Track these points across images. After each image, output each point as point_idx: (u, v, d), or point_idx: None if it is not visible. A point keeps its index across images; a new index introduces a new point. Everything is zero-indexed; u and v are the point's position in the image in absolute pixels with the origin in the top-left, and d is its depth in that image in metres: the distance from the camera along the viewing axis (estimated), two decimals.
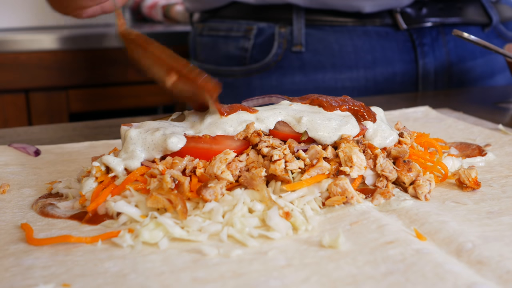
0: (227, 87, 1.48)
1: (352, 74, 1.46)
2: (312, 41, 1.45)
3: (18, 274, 0.55)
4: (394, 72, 1.49)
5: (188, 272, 0.56)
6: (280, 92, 1.40)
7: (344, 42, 1.46)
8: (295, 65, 1.47)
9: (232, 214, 0.65)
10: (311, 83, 1.46)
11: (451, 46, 1.52)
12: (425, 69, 1.50)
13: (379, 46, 1.48)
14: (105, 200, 0.68)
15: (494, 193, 0.76)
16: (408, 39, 1.49)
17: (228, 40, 1.52)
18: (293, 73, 1.47)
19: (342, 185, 0.72)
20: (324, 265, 0.57)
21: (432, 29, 1.50)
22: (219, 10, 1.52)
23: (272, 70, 1.45)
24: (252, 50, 1.48)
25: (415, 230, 0.64)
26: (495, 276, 0.55)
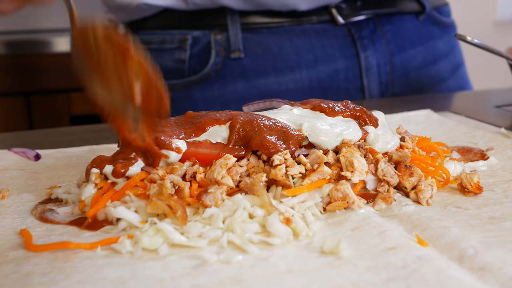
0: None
1: (294, 75, 1.43)
2: (251, 46, 1.41)
3: (17, 280, 0.55)
4: (336, 68, 1.46)
5: (188, 278, 0.55)
6: (223, 102, 1.39)
7: (283, 43, 1.42)
8: (235, 73, 1.41)
9: (232, 219, 0.65)
10: (254, 89, 1.42)
11: (389, 37, 1.51)
12: (367, 62, 1.48)
13: (319, 44, 1.45)
14: (104, 206, 0.67)
15: (497, 198, 0.75)
16: (347, 34, 1.46)
17: (163, 53, 1.44)
18: (234, 80, 1.41)
19: (343, 190, 0.71)
20: (325, 271, 0.57)
21: (369, 21, 1.48)
22: (148, 20, 1.44)
23: (213, 79, 1.39)
24: (189, 61, 1.41)
25: (416, 236, 0.63)
26: (498, 282, 0.54)
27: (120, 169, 0.69)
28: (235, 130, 0.75)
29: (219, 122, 0.77)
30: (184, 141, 0.74)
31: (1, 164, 0.90)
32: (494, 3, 4.18)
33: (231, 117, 0.78)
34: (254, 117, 0.78)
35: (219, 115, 0.79)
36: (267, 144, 0.74)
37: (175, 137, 0.74)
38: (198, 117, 0.79)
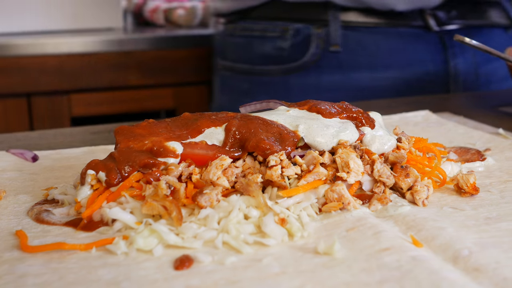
0: (263, 85, 1.58)
1: (387, 73, 1.52)
2: (348, 42, 1.50)
3: (11, 282, 0.55)
4: (426, 72, 1.54)
5: (181, 279, 0.56)
6: (317, 90, 1.51)
7: (379, 42, 1.51)
8: (332, 65, 1.51)
9: (227, 220, 0.65)
10: (348, 81, 1.52)
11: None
12: (456, 69, 1.55)
13: (412, 47, 1.53)
14: (100, 207, 0.68)
15: (493, 198, 0.75)
16: (438, 41, 1.53)
17: (264, 40, 1.55)
18: (331, 72, 1.51)
19: (339, 191, 0.71)
20: (318, 272, 0.57)
21: (460, 31, 1.53)
22: (252, 10, 1.55)
23: (310, 69, 1.50)
24: (289, 49, 1.51)
25: (411, 237, 0.63)
26: (492, 283, 0.54)
27: (113, 180, 0.69)
28: (231, 133, 0.75)
29: (215, 124, 0.77)
30: (180, 143, 0.74)
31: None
32: None
33: (227, 119, 0.78)
34: (250, 118, 0.78)
35: (215, 117, 0.79)
36: (263, 146, 0.74)
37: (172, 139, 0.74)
38: (194, 119, 0.79)
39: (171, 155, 0.72)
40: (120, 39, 2.16)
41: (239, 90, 1.65)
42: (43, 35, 2.22)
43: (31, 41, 2.10)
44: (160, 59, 2.19)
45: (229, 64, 1.65)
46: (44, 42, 2.10)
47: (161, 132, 0.76)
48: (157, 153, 0.72)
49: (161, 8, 2.48)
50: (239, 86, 1.66)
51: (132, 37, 2.19)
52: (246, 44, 1.59)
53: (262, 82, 1.59)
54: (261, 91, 1.60)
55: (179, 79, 2.24)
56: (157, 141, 0.73)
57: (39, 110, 2.14)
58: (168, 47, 2.21)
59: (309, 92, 1.52)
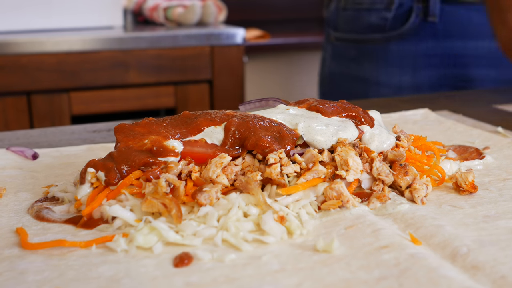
0: (367, 53, 1.75)
1: (477, 44, 1.63)
2: (445, 14, 1.61)
3: (11, 279, 0.55)
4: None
5: (181, 276, 0.56)
6: (413, 57, 1.66)
7: (472, 16, 1.61)
8: (428, 34, 1.64)
9: (226, 218, 0.65)
10: (442, 49, 1.65)
11: None
12: None
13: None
14: (100, 204, 0.68)
15: (491, 196, 0.75)
16: None
17: (371, 12, 1.70)
18: (426, 40, 1.64)
19: (338, 189, 0.71)
20: (317, 270, 0.57)
21: None
22: None
23: (408, 37, 1.64)
24: (392, 19, 1.66)
25: (410, 234, 0.63)
26: (489, 281, 0.54)
27: (112, 180, 0.70)
28: (230, 132, 0.75)
29: (214, 123, 0.77)
30: (180, 141, 0.74)
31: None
32: None
33: (226, 118, 0.78)
34: (249, 117, 0.78)
35: (214, 116, 0.79)
36: (262, 144, 0.74)
37: (171, 138, 0.74)
38: (193, 117, 0.79)
39: (171, 154, 0.72)
40: (120, 37, 2.16)
41: (348, 58, 1.81)
42: (42, 33, 2.22)
43: (30, 39, 2.10)
44: (159, 58, 2.19)
45: (340, 35, 1.81)
46: (43, 40, 2.10)
47: (161, 130, 0.76)
48: (156, 153, 0.72)
49: (160, 7, 2.48)
50: (348, 53, 1.81)
51: (132, 35, 2.19)
52: (355, 16, 1.75)
53: (366, 50, 1.74)
54: (366, 58, 1.75)
55: (179, 78, 2.24)
56: (156, 140, 0.73)
57: (38, 108, 2.14)
58: (167, 45, 2.21)
59: (407, 58, 1.67)
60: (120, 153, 0.72)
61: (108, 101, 2.21)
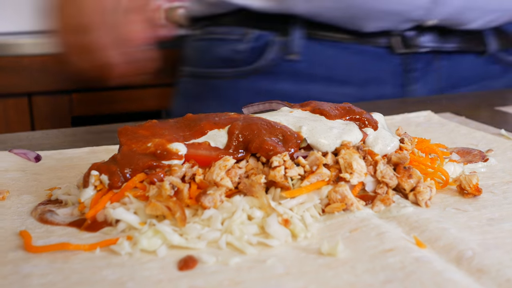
0: (213, 90, 1.52)
1: (342, 89, 1.46)
2: (308, 52, 1.44)
3: (16, 282, 0.55)
4: (383, 94, 1.48)
5: (186, 280, 0.56)
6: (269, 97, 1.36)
7: (339, 57, 1.45)
8: (287, 73, 1.46)
9: (231, 221, 0.65)
10: (301, 92, 1.45)
11: (443, 73, 1.52)
12: (413, 95, 1.50)
13: (372, 66, 1.47)
14: (104, 207, 0.68)
15: (496, 199, 0.75)
16: (400, 63, 1.48)
17: (224, 43, 1.50)
18: (284, 80, 1.45)
19: (342, 192, 0.71)
20: (322, 273, 0.57)
21: (427, 54, 1.49)
22: (221, 17, 1.51)
23: (264, 74, 1.44)
24: (246, 52, 1.46)
25: (414, 238, 0.63)
26: (495, 284, 0.54)
27: (116, 183, 0.70)
28: (234, 136, 0.75)
29: (218, 126, 0.77)
30: (183, 144, 0.74)
31: (2, 165, 0.90)
32: None
33: (230, 121, 0.78)
34: (253, 120, 0.78)
35: (218, 119, 0.79)
36: (266, 147, 0.74)
37: (174, 140, 0.74)
38: (197, 120, 0.79)
39: (175, 157, 0.72)
40: None
41: (192, 95, 1.60)
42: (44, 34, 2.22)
43: (32, 41, 2.10)
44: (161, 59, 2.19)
45: (188, 69, 1.61)
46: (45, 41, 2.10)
47: (164, 133, 0.76)
48: (160, 156, 0.72)
49: (162, 8, 2.48)
50: (192, 90, 1.61)
51: None
52: (206, 47, 1.55)
53: (214, 86, 1.54)
54: (211, 95, 1.55)
55: None
56: (160, 143, 0.73)
57: (40, 109, 2.14)
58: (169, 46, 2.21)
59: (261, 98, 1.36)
60: (124, 156, 0.72)
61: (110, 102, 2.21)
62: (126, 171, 0.70)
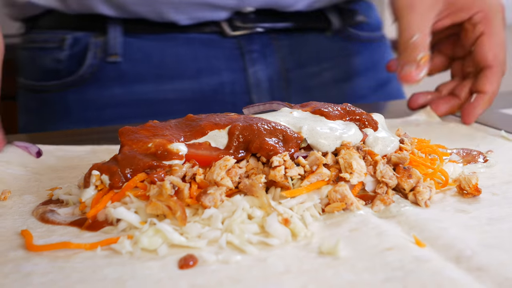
0: (44, 104, 1.38)
1: (175, 85, 1.36)
2: (130, 51, 1.33)
3: (17, 281, 0.55)
4: (221, 81, 1.39)
5: (186, 278, 0.56)
6: (98, 106, 1.31)
7: (165, 50, 1.35)
8: (112, 77, 1.33)
9: (231, 220, 0.65)
10: (131, 95, 1.35)
11: (285, 52, 1.45)
12: (256, 77, 1.41)
13: (203, 54, 1.37)
14: (105, 207, 0.68)
15: (495, 199, 0.76)
16: (236, 46, 1.39)
17: (45, 53, 1.37)
18: (111, 85, 1.33)
19: (342, 191, 0.72)
20: (322, 272, 0.57)
21: (263, 34, 1.41)
22: (37, 20, 1.39)
23: (88, 82, 1.32)
24: (66, 62, 1.34)
25: (414, 237, 0.64)
26: (494, 283, 0.54)
27: (117, 184, 0.70)
28: (234, 137, 0.75)
29: (218, 127, 0.78)
30: (184, 144, 0.74)
31: (4, 156, 0.90)
32: None
33: (230, 122, 0.78)
34: (253, 121, 0.78)
35: (218, 119, 0.79)
36: (267, 147, 0.74)
37: (175, 141, 0.75)
38: (197, 120, 0.79)
39: (175, 157, 0.72)
40: None
41: (29, 109, 1.46)
42: None
43: None
44: None
45: (21, 81, 1.45)
46: None
47: (165, 133, 0.76)
48: (161, 156, 0.72)
49: None
50: (29, 105, 1.46)
51: None
52: (32, 58, 1.41)
53: (44, 100, 1.39)
54: (45, 110, 1.40)
55: None
56: (160, 143, 0.73)
57: None
58: None
59: (89, 108, 1.34)
60: (125, 157, 0.73)
61: None
62: (127, 172, 0.71)
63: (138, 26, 1.32)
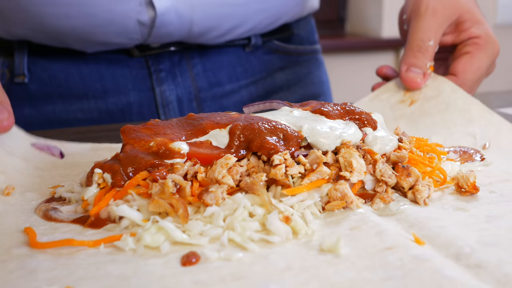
0: None
1: (82, 105, 1.34)
2: (37, 71, 1.31)
3: (22, 277, 0.56)
4: (128, 102, 1.36)
5: (189, 275, 0.57)
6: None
7: (70, 70, 1.32)
8: (21, 97, 1.30)
9: (232, 218, 0.66)
10: (41, 116, 1.32)
11: (198, 70, 1.41)
12: (164, 97, 1.38)
13: (109, 74, 1.35)
14: (107, 204, 0.69)
15: (493, 197, 0.77)
16: (143, 66, 1.36)
17: None
18: (20, 106, 1.30)
19: (342, 190, 0.72)
20: (323, 269, 0.58)
21: (174, 53, 1.37)
22: None
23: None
24: None
25: (413, 235, 0.64)
26: (493, 279, 0.55)
27: (119, 182, 0.70)
28: (235, 136, 0.76)
29: (219, 126, 0.78)
30: (185, 143, 0.75)
31: (9, 145, 0.90)
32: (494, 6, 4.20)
33: (231, 121, 0.79)
34: (254, 120, 0.79)
35: (219, 118, 0.80)
36: (267, 146, 0.75)
37: (177, 139, 0.75)
38: (199, 119, 0.80)
39: (177, 156, 0.73)
40: None
41: None
42: None
43: None
44: None
45: None
46: None
47: (167, 132, 0.77)
48: (163, 155, 0.73)
49: None
50: None
51: None
52: None
53: None
54: None
55: None
56: (162, 142, 0.74)
57: None
58: None
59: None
60: (127, 156, 0.73)
61: None
62: (129, 170, 0.71)
63: (43, 48, 1.30)
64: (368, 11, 4.03)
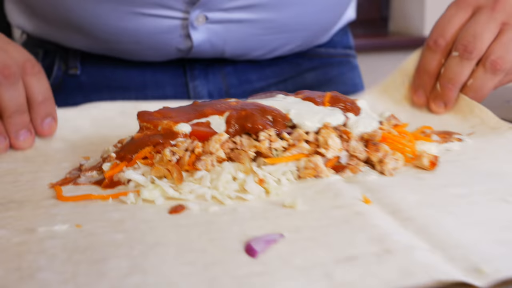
0: None
1: (125, 96, 1.47)
2: (87, 65, 1.49)
3: (45, 218, 0.73)
4: (164, 94, 1.50)
5: (172, 220, 0.71)
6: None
7: (116, 66, 1.49)
8: (73, 87, 1.48)
9: (217, 180, 0.80)
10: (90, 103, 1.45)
11: (229, 70, 1.53)
12: (196, 91, 1.51)
13: (150, 71, 1.50)
14: (120, 171, 0.85)
15: (456, 171, 0.86)
16: (179, 65, 1.50)
17: None
18: (73, 95, 1.47)
19: (315, 161, 0.85)
20: (280, 218, 0.71)
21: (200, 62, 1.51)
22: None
23: (56, 93, 1.33)
24: None
25: (363, 196, 0.77)
26: (416, 228, 0.67)
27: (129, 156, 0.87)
28: (231, 124, 0.90)
29: (219, 113, 0.92)
30: (188, 124, 0.90)
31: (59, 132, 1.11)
32: None
33: (228, 108, 0.93)
34: (247, 106, 0.93)
35: (219, 106, 0.94)
36: (256, 126, 0.89)
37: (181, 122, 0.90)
38: (202, 106, 0.95)
39: (180, 136, 0.88)
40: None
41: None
42: None
43: None
44: None
45: None
46: None
47: (173, 115, 0.92)
48: (168, 136, 0.88)
49: None
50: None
51: None
52: None
53: None
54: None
55: None
56: (168, 124, 0.89)
57: None
58: None
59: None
60: (138, 138, 0.89)
61: None
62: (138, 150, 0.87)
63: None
64: (410, 9, 4.07)
